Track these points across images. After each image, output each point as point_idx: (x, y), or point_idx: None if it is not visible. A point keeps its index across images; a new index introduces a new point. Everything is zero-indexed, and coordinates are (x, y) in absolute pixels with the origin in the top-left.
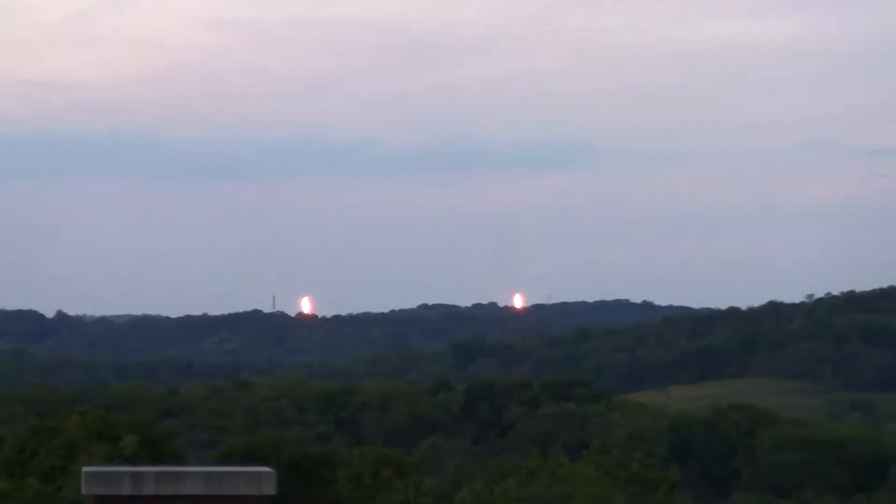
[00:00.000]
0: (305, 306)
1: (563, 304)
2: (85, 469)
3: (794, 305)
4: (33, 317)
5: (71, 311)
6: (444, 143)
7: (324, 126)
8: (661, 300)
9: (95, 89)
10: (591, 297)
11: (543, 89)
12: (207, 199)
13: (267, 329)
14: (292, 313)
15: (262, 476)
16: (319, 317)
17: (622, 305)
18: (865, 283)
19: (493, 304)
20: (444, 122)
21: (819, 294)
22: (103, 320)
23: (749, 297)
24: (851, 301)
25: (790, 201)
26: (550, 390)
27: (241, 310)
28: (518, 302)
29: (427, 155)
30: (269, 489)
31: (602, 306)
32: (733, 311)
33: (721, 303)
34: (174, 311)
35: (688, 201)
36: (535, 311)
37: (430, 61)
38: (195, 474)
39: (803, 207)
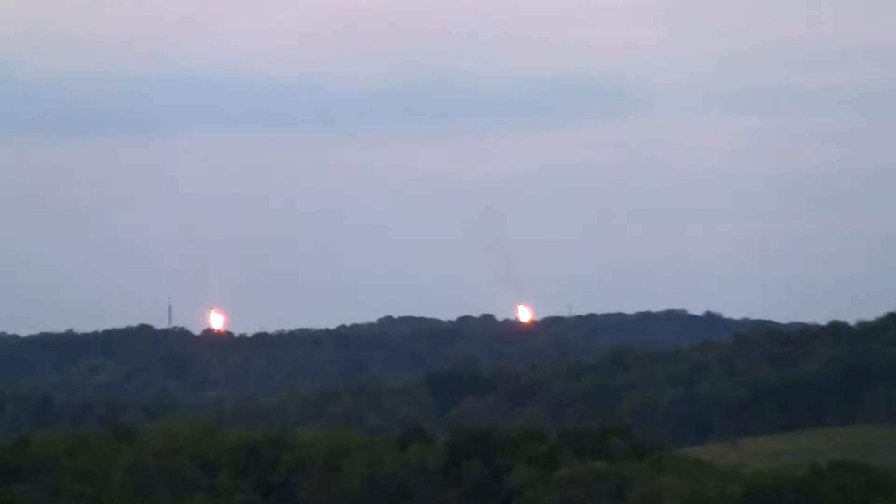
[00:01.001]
0: (215, 321)
1: (590, 317)
2: None
3: None
4: None
5: None
6: (412, 80)
7: (234, 58)
8: (731, 311)
9: None
10: (629, 308)
11: (561, 6)
12: (69, 162)
13: (159, 352)
14: (196, 331)
15: None
16: (236, 335)
17: (675, 319)
18: None
19: (487, 318)
20: (413, 51)
21: None
22: None
23: (860, 307)
24: None
25: None
26: (573, 442)
27: (121, 325)
28: (525, 315)
29: (388, 98)
30: None
31: (646, 320)
32: (837, 328)
33: (818, 316)
34: (25, 327)
35: (771, 165)
36: (550, 327)
37: None
38: None
39: None
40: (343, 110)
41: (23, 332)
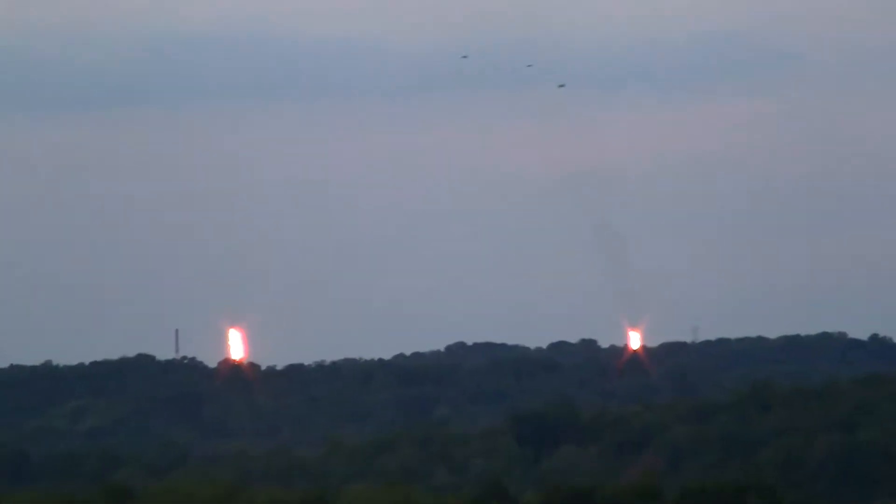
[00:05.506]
0: (235, 350)
1: (722, 342)
2: None
3: None
4: None
5: None
6: (490, 43)
7: (270, 17)
8: None
9: None
10: (772, 331)
11: None
12: (49, 143)
13: (164, 390)
14: (211, 362)
15: None
16: (263, 367)
17: (832, 344)
18: None
19: (588, 344)
20: (491, 8)
21: None
22: None
23: None
24: None
25: None
26: (698, 503)
27: (114, 356)
28: (636, 340)
29: (461, 63)
30: None
31: (794, 347)
32: None
33: None
34: None
35: None
36: (670, 355)
37: None
38: None
39: None
40: (401, 76)
41: None
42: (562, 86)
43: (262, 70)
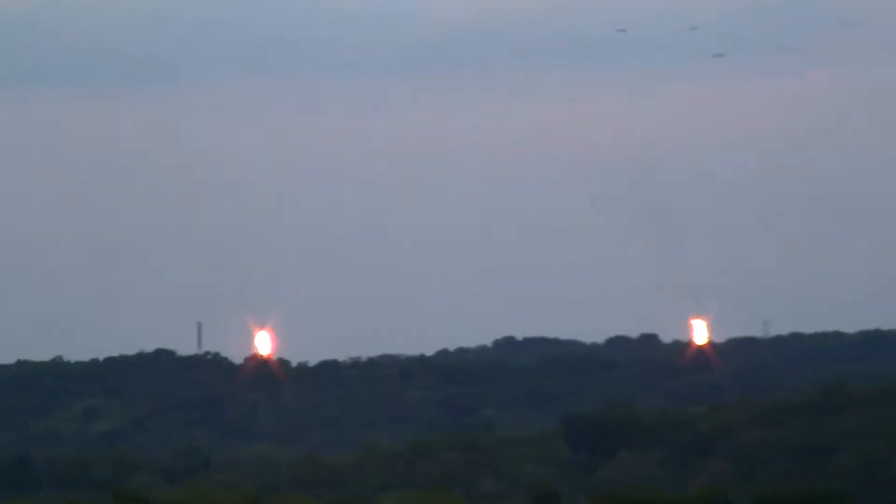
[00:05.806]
0: (263, 345)
1: (795, 337)
2: None
3: None
4: None
5: None
6: (534, 9)
7: None
8: None
9: None
10: (850, 325)
11: None
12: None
13: (184, 389)
14: (236, 358)
15: None
16: (294, 364)
17: None
18: None
19: (649, 339)
20: None
21: None
22: None
23: None
24: None
25: None
26: None
27: (130, 351)
28: (702, 334)
29: (501, 33)
30: None
31: (873, 342)
32: None
33: None
34: None
35: None
36: (738, 351)
37: None
38: None
39: None
40: (439, 48)
41: None
42: (622, 30)
43: (291, 48)
